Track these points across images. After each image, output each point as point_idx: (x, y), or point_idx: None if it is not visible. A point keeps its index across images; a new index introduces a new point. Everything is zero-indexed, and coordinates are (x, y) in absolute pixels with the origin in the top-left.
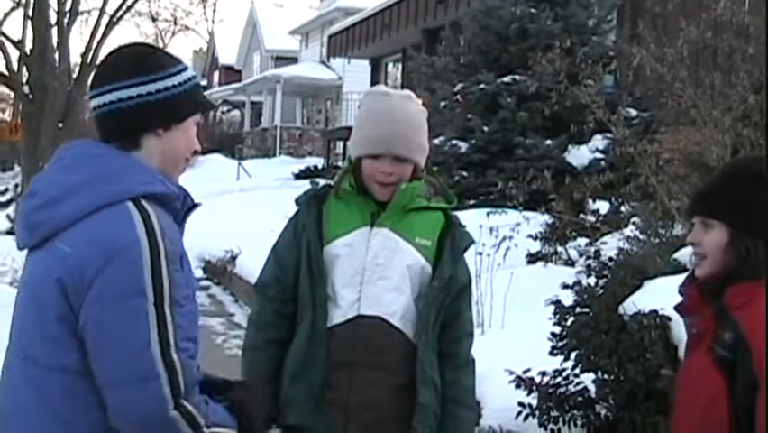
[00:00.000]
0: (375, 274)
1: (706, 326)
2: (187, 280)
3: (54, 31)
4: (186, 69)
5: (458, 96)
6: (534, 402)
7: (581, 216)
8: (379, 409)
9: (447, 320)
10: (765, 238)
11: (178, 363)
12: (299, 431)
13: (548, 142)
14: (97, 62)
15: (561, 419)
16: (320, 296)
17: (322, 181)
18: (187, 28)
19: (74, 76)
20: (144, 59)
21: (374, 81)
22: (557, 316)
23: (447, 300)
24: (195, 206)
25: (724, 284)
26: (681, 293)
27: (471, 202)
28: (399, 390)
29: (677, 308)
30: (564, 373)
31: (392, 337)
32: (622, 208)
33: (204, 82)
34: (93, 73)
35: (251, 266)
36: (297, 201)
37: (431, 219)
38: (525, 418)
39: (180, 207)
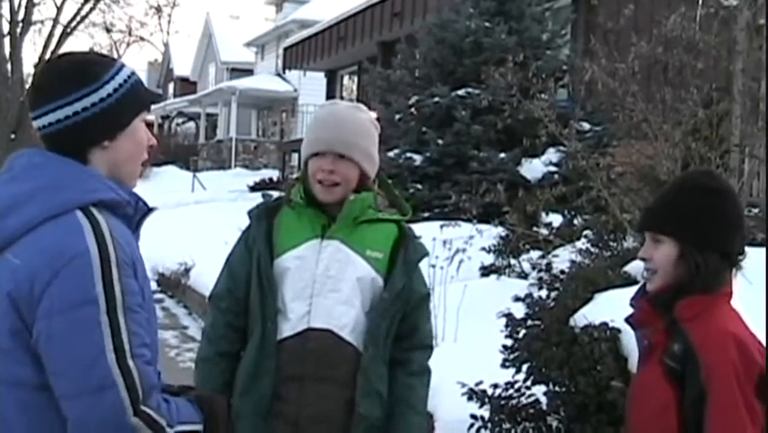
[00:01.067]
0: (326, 287)
1: (657, 338)
2: (142, 287)
3: (6, 41)
4: (119, 70)
5: (413, 109)
6: (487, 414)
7: (534, 228)
8: (329, 422)
9: (403, 333)
10: (715, 251)
11: (135, 370)
12: None
13: (502, 155)
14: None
15: (513, 430)
16: (270, 309)
17: (275, 194)
18: (141, 39)
19: (27, 86)
20: (75, 74)
21: (330, 94)
22: (509, 328)
23: (400, 312)
24: (149, 210)
25: (675, 297)
26: (632, 306)
27: (425, 215)
28: (350, 403)
29: (628, 320)
30: (516, 386)
31: (342, 351)
32: (575, 221)
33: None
34: (30, 92)
35: (205, 279)
36: (249, 214)
37: (383, 231)
38: (478, 430)
39: (133, 212)
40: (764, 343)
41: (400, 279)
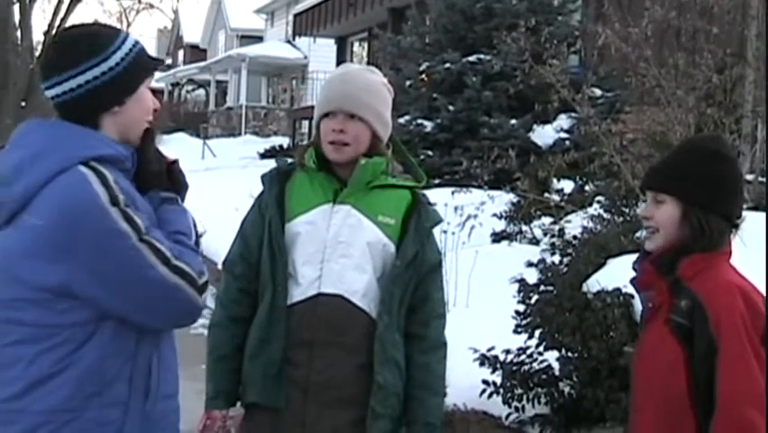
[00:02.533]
0: (336, 252)
1: (661, 299)
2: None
3: (16, 8)
4: (125, 40)
5: (423, 76)
6: (499, 380)
7: (546, 195)
8: (339, 388)
9: (416, 302)
10: (718, 212)
11: (185, 266)
12: (259, 409)
13: (513, 121)
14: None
15: (525, 396)
16: (280, 274)
17: (289, 159)
18: (151, 6)
19: (36, 54)
20: (84, 45)
21: (340, 60)
22: (521, 294)
23: (414, 281)
24: None
25: (677, 257)
26: (634, 269)
27: (436, 181)
28: (361, 370)
29: (632, 282)
30: (528, 351)
31: (353, 316)
32: (586, 187)
33: (168, 61)
34: (41, 64)
35: (216, 245)
36: (262, 178)
37: (396, 197)
38: (490, 395)
39: (131, 168)
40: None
41: (413, 246)
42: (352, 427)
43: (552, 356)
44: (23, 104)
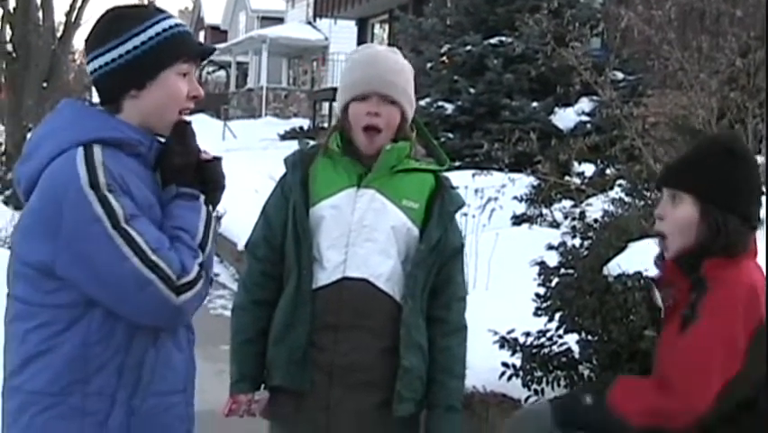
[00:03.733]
0: (361, 236)
1: (681, 297)
2: (140, 207)
3: None
4: (156, 23)
5: (444, 58)
6: (518, 363)
7: (567, 178)
8: (364, 371)
9: (438, 285)
10: (737, 213)
11: (161, 261)
12: (284, 392)
13: (534, 104)
14: (81, 21)
15: (544, 379)
16: (305, 257)
17: (312, 142)
18: None
19: (58, 34)
20: (112, 25)
21: (360, 42)
22: (542, 277)
23: (437, 264)
24: None
25: (699, 258)
26: (656, 265)
27: (457, 164)
28: (385, 353)
29: (654, 279)
30: (548, 334)
31: (378, 300)
32: (607, 171)
33: None
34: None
35: (237, 227)
36: (286, 161)
37: (419, 181)
38: (509, 378)
39: (147, 151)
40: None
41: (436, 230)
42: (375, 410)
43: (572, 339)
44: (45, 84)
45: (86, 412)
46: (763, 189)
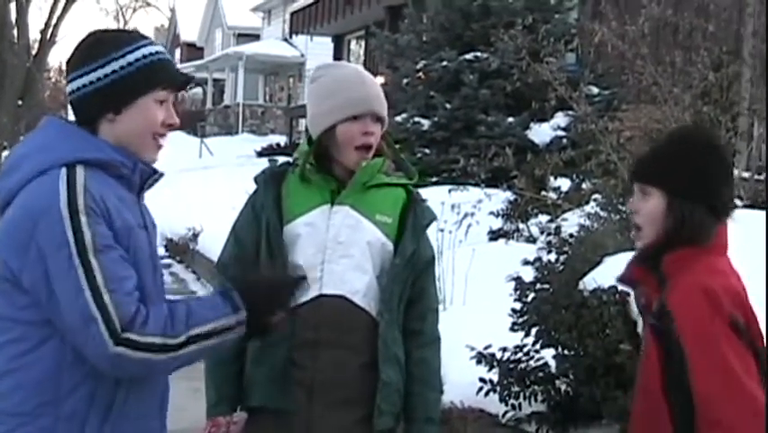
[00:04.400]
0: (336, 253)
1: (651, 295)
2: (118, 236)
3: (13, 6)
4: (136, 49)
5: (420, 74)
6: (495, 378)
7: (543, 193)
8: (344, 388)
9: (412, 297)
10: (700, 202)
11: (110, 304)
12: (264, 412)
13: (510, 119)
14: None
15: (521, 394)
16: None
17: (281, 159)
18: (148, 4)
19: (33, 52)
20: (93, 48)
21: (337, 58)
22: (518, 292)
23: (411, 278)
24: (154, 174)
25: (661, 252)
26: (625, 269)
27: (434, 179)
28: (364, 368)
29: (619, 279)
30: (525, 349)
31: (356, 316)
32: (583, 185)
33: None
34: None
35: (214, 244)
36: (256, 179)
37: (391, 196)
38: (487, 393)
39: (130, 173)
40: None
41: (410, 244)
42: (356, 426)
43: (548, 354)
44: (20, 102)
45: None
46: (734, 179)
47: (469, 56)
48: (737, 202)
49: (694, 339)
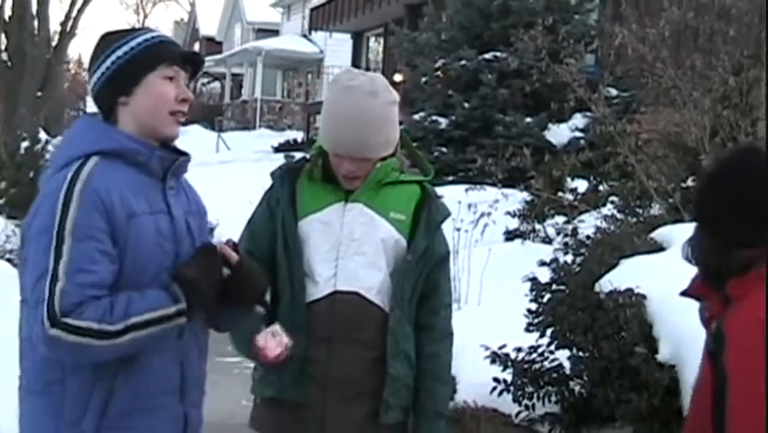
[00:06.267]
0: (350, 250)
1: (714, 313)
2: (117, 226)
3: None
4: (136, 37)
5: (439, 73)
6: (509, 378)
7: (560, 194)
8: (357, 383)
9: (425, 292)
10: (743, 241)
11: (58, 291)
12: (278, 405)
13: (528, 119)
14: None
15: (535, 394)
16: (297, 272)
17: (297, 155)
18: None
19: (53, 44)
20: (101, 45)
21: (356, 56)
22: (533, 292)
23: (424, 273)
24: (179, 158)
25: (723, 276)
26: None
27: (450, 178)
28: (376, 363)
29: (683, 293)
30: (540, 350)
31: (369, 312)
32: (600, 187)
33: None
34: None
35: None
36: (272, 175)
37: (406, 193)
38: (500, 393)
39: (146, 160)
40: None
41: (423, 240)
42: (368, 419)
43: (563, 355)
44: (39, 93)
45: (61, 413)
46: None
47: (488, 55)
48: None
49: (740, 370)
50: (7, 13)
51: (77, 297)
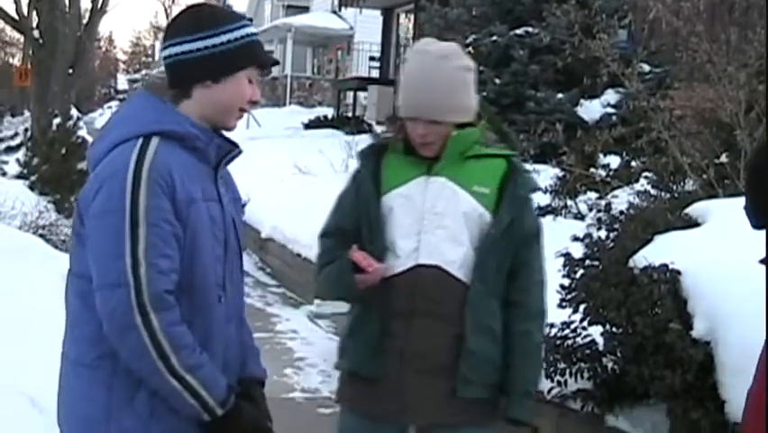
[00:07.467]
0: (433, 223)
1: None
2: (178, 209)
3: None
4: (243, 26)
5: (470, 48)
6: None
7: (592, 170)
8: (436, 357)
9: (515, 269)
10: None
11: (145, 277)
12: (357, 377)
13: (560, 95)
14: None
15: (568, 370)
16: (379, 246)
17: (327, 132)
18: None
19: (84, 21)
20: (201, 18)
21: (386, 32)
22: (567, 268)
23: (511, 249)
24: (234, 147)
25: None
26: None
27: None
28: (458, 339)
29: (762, 261)
30: (572, 326)
31: (451, 287)
32: (633, 163)
33: None
34: (167, 26)
35: (260, 215)
36: (359, 154)
37: (490, 166)
38: None
39: (204, 146)
40: None
41: (507, 214)
42: (449, 394)
43: (596, 331)
44: (71, 71)
45: (112, 387)
46: None
47: (519, 31)
48: None
49: None
50: None
51: (163, 284)
